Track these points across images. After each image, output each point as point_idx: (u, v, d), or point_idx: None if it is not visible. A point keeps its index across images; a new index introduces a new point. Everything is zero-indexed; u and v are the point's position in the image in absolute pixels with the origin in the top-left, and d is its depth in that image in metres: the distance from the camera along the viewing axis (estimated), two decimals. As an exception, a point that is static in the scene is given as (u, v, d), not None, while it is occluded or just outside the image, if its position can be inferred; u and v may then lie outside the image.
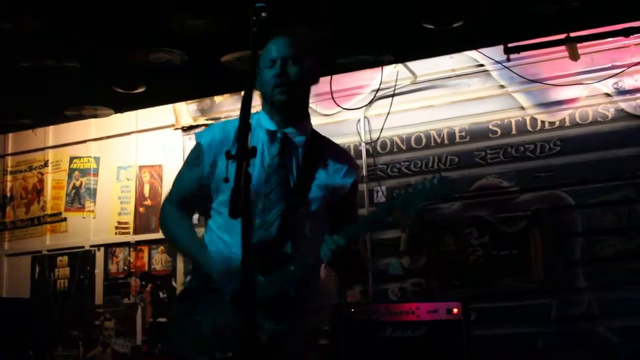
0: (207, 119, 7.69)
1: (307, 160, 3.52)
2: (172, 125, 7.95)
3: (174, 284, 7.71)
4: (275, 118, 3.51)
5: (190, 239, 3.58)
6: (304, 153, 3.53)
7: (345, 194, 3.58)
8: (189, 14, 5.44)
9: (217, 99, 7.68)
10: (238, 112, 6.50)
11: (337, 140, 7.09)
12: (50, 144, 8.66)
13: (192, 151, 3.65)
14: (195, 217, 4.10)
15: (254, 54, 2.88)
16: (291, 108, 3.50)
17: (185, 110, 7.85)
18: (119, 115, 7.65)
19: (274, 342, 3.22)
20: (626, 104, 6.53)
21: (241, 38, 2.97)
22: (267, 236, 3.35)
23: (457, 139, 6.99)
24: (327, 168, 3.55)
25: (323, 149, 3.61)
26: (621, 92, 6.55)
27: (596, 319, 6.32)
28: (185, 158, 3.45)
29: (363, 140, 7.22)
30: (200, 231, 3.72)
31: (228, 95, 7.52)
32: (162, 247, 7.83)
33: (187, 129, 7.84)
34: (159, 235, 7.58)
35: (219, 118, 7.69)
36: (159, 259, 7.84)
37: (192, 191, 3.60)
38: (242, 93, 2.88)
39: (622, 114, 6.53)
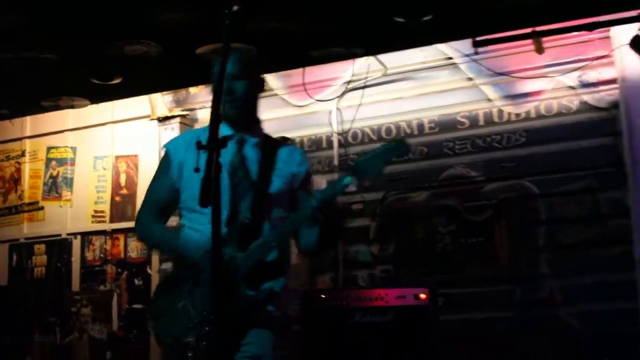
0: (183, 110, 7.69)
1: (265, 155, 3.74)
2: (148, 116, 7.92)
3: (149, 271, 7.72)
4: (230, 125, 3.67)
5: (168, 236, 3.84)
6: (261, 150, 3.75)
7: (302, 180, 3.82)
8: (165, 6, 5.44)
9: (192, 90, 7.68)
10: (207, 101, 6.55)
11: (310, 131, 7.31)
12: (28, 134, 8.63)
13: (161, 160, 3.89)
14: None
15: (226, 46, 2.94)
16: (242, 118, 3.71)
17: (161, 101, 7.83)
18: (95, 106, 7.62)
19: (254, 310, 3.47)
20: (590, 97, 6.58)
21: (215, 30, 3.00)
22: (242, 220, 3.55)
23: (427, 130, 7.02)
24: (283, 159, 3.77)
25: (276, 146, 3.82)
26: (585, 85, 6.60)
27: (558, 304, 6.40)
28: (159, 149, 3.58)
29: (335, 130, 7.24)
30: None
31: (203, 86, 7.51)
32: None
33: (162, 120, 7.82)
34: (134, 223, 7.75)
35: (194, 109, 7.72)
36: (134, 247, 7.86)
37: (165, 197, 3.82)
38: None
39: (585, 106, 6.58)
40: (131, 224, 7.57)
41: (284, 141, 3.93)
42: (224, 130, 3.53)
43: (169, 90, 7.72)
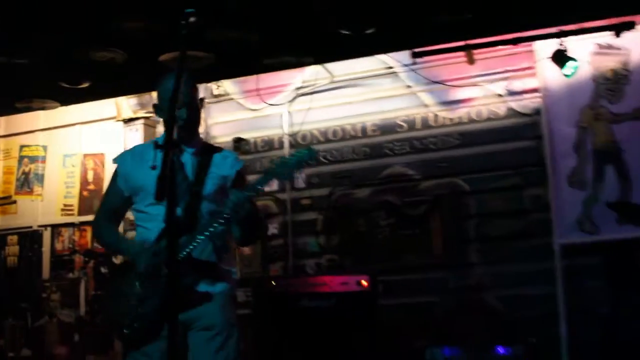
0: (146, 112, 7.64)
1: (200, 162, 3.87)
2: (114, 118, 7.87)
3: (114, 260, 7.66)
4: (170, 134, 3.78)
5: (115, 237, 4.08)
6: (197, 158, 3.87)
7: (233, 180, 3.91)
8: (130, 16, 5.46)
9: (155, 94, 7.61)
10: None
11: (263, 133, 7.32)
12: (2, 133, 8.55)
13: (113, 173, 4.00)
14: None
15: (182, 54, 3.03)
16: (186, 134, 3.77)
17: (126, 104, 7.80)
18: (65, 107, 7.59)
19: (189, 293, 3.64)
20: (515, 104, 6.66)
21: (177, 39, 3.07)
22: (177, 218, 3.52)
23: (369, 133, 7.05)
24: (216, 164, 3.89)
25: (212, 152, 3.96)
26: (511, 93, 6.68)
27: (486, 290, 6.49)
28: (124, 148, 3.66)
29: (286, 132, 7.25)
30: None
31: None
32: (103, 228, 7.82)
33: (127, 121, 7.78)
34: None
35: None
36: (100, 238, 7.84)
37: (115, 204, 3.99)
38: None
39: (511, 112, 6.66)
40: (99, 216, 7.73)
41: (239, 142, 4.09)
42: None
43: (134, 94, 7.67)
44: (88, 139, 8.06)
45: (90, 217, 7.72)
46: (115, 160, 4.00)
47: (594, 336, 6.07)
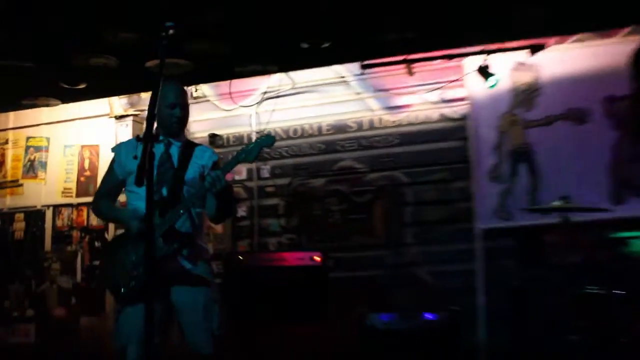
0: (135, 110, 7.59)
1: (184, 153, 4.06)
2: (107, 114, 7.80)
3: (106, 235, 7.68)
4: (163, 133, 4.01)
5: (114, 211, 4.26)
6: (181, 150, 4.06)
7: (211, 168, 4.04)
8: (122, 29, 5.50)
9: (143, 95, 7.53)
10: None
11: (234, 130, 7.34)
12: (11, 126, 8.43)
13: (111, 161, 4.17)
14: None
15: (162, 61, 3.08)
16: (177, 130, 4.07)
17: (118, 103, 7.75)
18: (65, 105, 7.58)
19: (171, 258, 3.82)
20: (447, 110, 6.67)
21: (164, 48, 3.16)
22: (163, 197, 3.91)
23: (324, 132, 7.04)
24: (196, 155, 4.09)
25: (193, 146, 4.15)
26: (444, 101, 6.68)
27: (419, 265, 6.54)
28: (116, 140, 3.75)
29: (254, 130, 7.21)
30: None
31: (151, 92, 7.52)
32: (98, 207, 7.84)
33: (119, 118, 7.71)
34: (96, 197, 7.77)
35: (144, 109, 7.60)
36: (95, 217, 7.84)
37: (113, 185, 4.15)
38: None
39: (443, 117, 6.68)
40: (92, 199, 7.70)
41: (214, 138, 4.25)
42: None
43: (124, 95, 7.65)
44: (85, 132, 7.98)
45: (86, 199, 7.79)
46: (113, 150, 4.19)
47: (506, 305, 6.13)
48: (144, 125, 7.34)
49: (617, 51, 6.02)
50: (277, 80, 7.17)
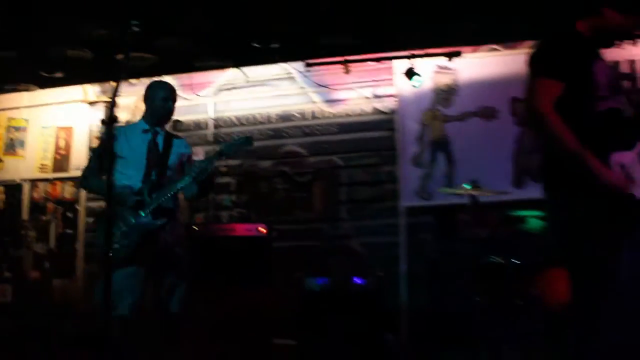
0: (107, 97, 7.46)
1: (166, 141, 4.15)
2: (81, 100, 7.65)
3: (77, 207, 7.55)
4: (150, 122, 4.14)
5: (104, 184, 4.09)
6: (164, 138, 4.16)
7: (187, 157, 4.26)
8: (96, 25, 5.41)
9: (113, 83, 7.48)
10: (126, 92, 6.56)
11: (195, 116, 7.28)
12: (-6, 108, 8.30)
13: (101, 143, 4.30)
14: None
15: (127, 54, 3.08)
16: (164, 122, 4.22)
17: (91, 90, 7.59)
18: (43, 90, 7.44)
19: (157, 231, 3.92)
20: (378, 104, 6.67)
21: (132, 43, 3.15)
22: (151, 179, 4.00)
23: (272, 120, 6.99)
24: (176, 145, 4.20)
25: (173, 137, 4.24)
26: (376, 96, 6.69)
27: (352, 238, 6.56)
28: (89, 124, 3.74)
29: (211, 117, 7.16)
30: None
31: (122, 80, 7.39)
32: (70, 182, 7.69)
33: (92, 103, 7.57)
34: (69, 174, 7.63)
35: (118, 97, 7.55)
36: (68, 190, 7.68)
37: (100, 166, 4.08)
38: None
39: (375, 111, 6.68)
40: (66, 174, 7.63)
41: (177, 123, 4.35)
42: (143, 125, 4.15)
43: (97, 83, 7.52)
44: (61, 116, 7.79)
45: (60, 174, 7.68)
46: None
47: (424, 273, 6.20)
48: (107, 111, 7.36)
49: (521, 60, 5.93)
50: (232, 75, 7.10)
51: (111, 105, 2.93)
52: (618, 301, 2.61)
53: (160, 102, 4.10)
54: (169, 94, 4.16)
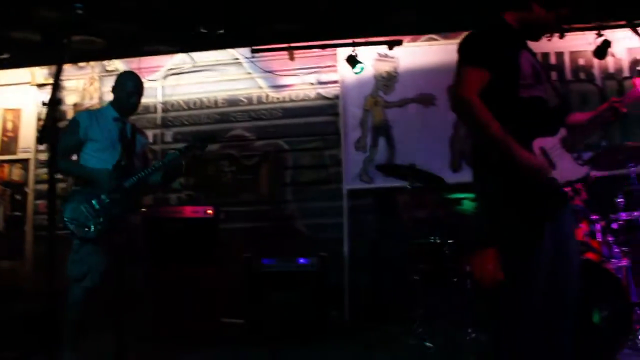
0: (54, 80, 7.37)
1: (132, 132, 4.27)
2: (29, 82, 7.49)
3: (26, 189, 7.41)
4: (119, 112, 4.23)
5: (82, 168, 4.15)
6: (131, 129, 4.27)
7: (147, 146, 4.53)
8: (44, 8, 5.32)
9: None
10: (75, 75, 6.43)
11: (143, 100, 6.87)
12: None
13: (71, 124, 4.20)
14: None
15: (69, 38, 3.08)
16: (130, 113, 4.32)
17: (39, 73, 7.42)
18: (-9, 72, 7.23)
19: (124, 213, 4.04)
20: (322, 90, 6.74)
21: (81, 25, 3.10)
22: (122, 163, 4.08)
23: (220, 104, 6.95)
24: (139, 134, 4.40)
25: (136, 128, 4.36)
26: (320, 82, 6.74)
27: (296, 219, 6.63)
28: (36, 106, 3.70)
29: (160, 101, 7.07)
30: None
31: (69, 64, 7.27)
32: (18, 164, 7.54)
33: (39, 86, 7.39)
34: (17, 156, 7.44)
35: (63, 79, 7.40)
36: (16, 172, 7.52)
37: (72, 148, 4.15)
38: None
39: (319, 96, 6.74)
40: (14, 157, 7.46)
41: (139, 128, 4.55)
42: (113, 113, 4.23)
43: (45, 66, 7.38)
44: (8, 97, 7.60)
45: (8, 157, 7.49)
46: (77, 116, 4.27)
47: (366, 252, 6.36)
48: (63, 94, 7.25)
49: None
50: (180, 59, 7.04)
51: (54, 88, 2.89)
52: (539, 278, 2.71)
53: (125, 95, 4.20)
54: (135, 89, 4.25)
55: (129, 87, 4.22)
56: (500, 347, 2.78)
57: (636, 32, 2.70)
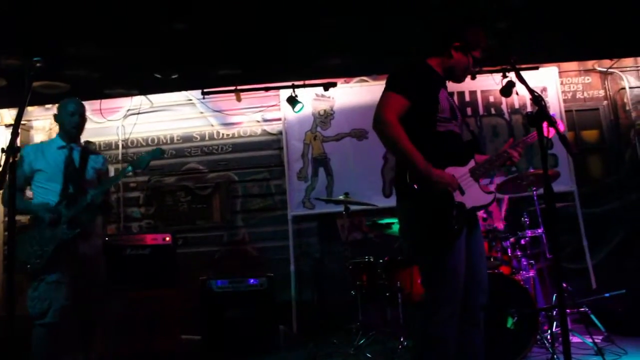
0: (22, 120, 7.17)
1: (82, 156, 3.96)
2: None
3: None
4: (65, 139, 3.95)
5: (26, 203, 3.88)
6: (81, 154, 3.96)
7: (104, 172, 4.07)
8: (10, 55, 5.24)
9: (29, 108, 7.20)
10: (42, 115, 6.31)
11: (104, 138, 7.15)
12: None
13: (19, 160, 3.83)
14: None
15: (28, 86, 2.92)
16: (76, 137, 3.99)
17: (7, 114, 7.31)
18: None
19: (73, 240, 3.72)
20: (267, 127, 6.80)
21: (46, 72, 3.04)
22: (69, 193, 3.80)
23: (175, 141, 6.94)
24: (92, 159, 4.00)
25: (89, 152, 4.02)
26: (265, 120, 6.81)
27: (247, 243, 6.63)
28: (4, 145, 3.41)
29: (120, 139, 7.01)
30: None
31: (35, 107, 7.15)
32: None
33: (8, 126, 7.25)
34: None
35: (30, 120, 7.22)
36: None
37: (22, 182, 3.88)
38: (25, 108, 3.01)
39: (265, 132, 6.80)
40: (-17, 191, 7.23)
41: (88, 144, 4.22)
42: (59, 142, 3.95)
43: (13, 107, 7.27)
44: (-23, 137, 7.48)
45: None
46: (23, 152, 3.87)
47: (310, 271, 6.40)
48: (30, 133, 7.09)
49: None
50: (138, 101, 7.00)
51: (12, 134, 2.74)
52: (454, 287, 2.77)
53: (68, 116, 3.92)
54: (76, 108, 3.96)
55: (69, 108, 3.94)
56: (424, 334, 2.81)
57: (518, 74, 2.81)
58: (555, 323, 4.28)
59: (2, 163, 2.67)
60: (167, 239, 5.57)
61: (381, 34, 5.13)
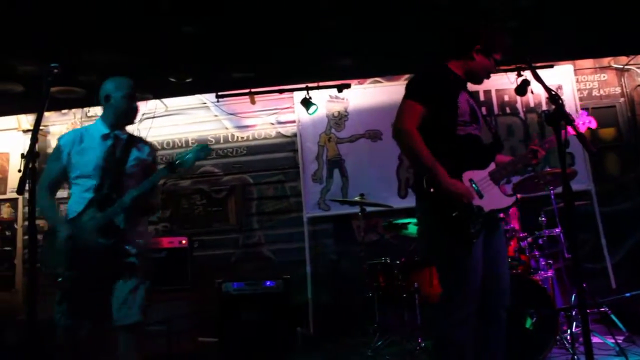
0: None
1: (127, 146, 3.34)
2: (16, 128, 7.41)
3: (15, 226, 7.27)
4: (111, 126, 3.34)
5: (49, 210, 3.26)
6: (126, 143, 3.35)
7: (149, 164, 3.41)
8: (26, 61, 5.28)
9: (46, 113, 7.26)
10: (59, 120, 6.33)
11: None
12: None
13: (54, 150, 3.32)
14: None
15: (47, 92, 2.79)
16: (119, 123, 3.38)
17: (25, 119, 7.36)
18: (-19, 120, 7.11)
19: (106, 254, 3.13)
20: (282, 129, 6.78)
21: (62, 78, 2.96)
22: (103, 191, 3.20)
23: (190, 144, 6.91)
24: (138, 150, 3.36)
25: (136, 141, 3.42)
26: (279, 122, 6.79)
27: (263, 245, 6.61)
28: (24, 151, 2.90)
29: None
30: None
31: (52, 112, 7.21)
32: (8, 203, 7.40)
33: (25, 131, 7.31)
34: (6, 195, 7.30)
35: (47, 125, 7.24)
36: (5, 211, 7.38)
37: (56, 176, 3.30)
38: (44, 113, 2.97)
39: (279, 135, 6.78)
40: (4, 196, 7.31)
41: (143, 139, 3.50)
42: (102, 128, 3.33)
43: (30, 113, 7.31)
44: (-2, 142, 7.58)
45: (-2, 196, 7.34)
46: (60, 141, 3.30)
47: (326, 272, 6.37)
48: (47, 138, 7.15)
49: (400, 90, 6.33)
50: (153, 105, 7.00)
51: (32, 140, 2.61)
52: (470, 289, 2.75)
53: (123, 99, 3.34)
54: (132, 92, 3.40)
55: (126, 89, 3.35)
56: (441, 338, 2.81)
57: (534, 73, 2.77)
58: (575, 323, 4.22)
59: (22, 168, 2.51)
60: (184, 242, 5.61)
61: (395, 34, 5.09)
